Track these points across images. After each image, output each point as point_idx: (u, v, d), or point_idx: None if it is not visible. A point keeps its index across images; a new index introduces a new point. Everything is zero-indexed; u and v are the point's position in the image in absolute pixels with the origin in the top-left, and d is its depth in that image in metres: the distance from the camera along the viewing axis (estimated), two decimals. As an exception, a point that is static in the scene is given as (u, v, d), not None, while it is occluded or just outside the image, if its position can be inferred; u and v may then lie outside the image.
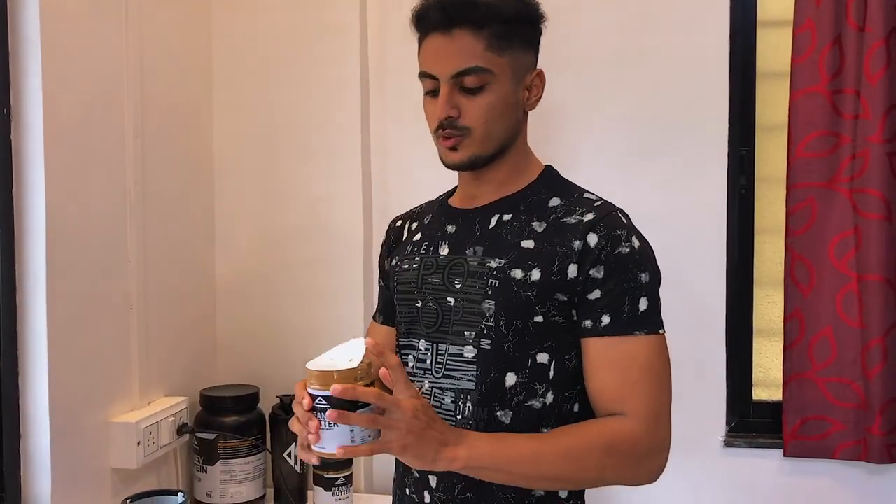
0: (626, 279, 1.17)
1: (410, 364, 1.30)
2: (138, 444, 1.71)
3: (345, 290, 2.14)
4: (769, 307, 2.17)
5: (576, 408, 1.23)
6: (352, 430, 1.00)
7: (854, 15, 1.94)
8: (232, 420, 1.94)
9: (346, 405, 0.99)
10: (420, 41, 1.26)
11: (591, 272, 1.17)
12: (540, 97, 1.28)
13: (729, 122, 2.07)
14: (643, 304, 1.18)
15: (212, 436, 1.92)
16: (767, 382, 2.17)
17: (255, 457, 1.96)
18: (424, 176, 2.16)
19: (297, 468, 2.01)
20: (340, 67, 2.12)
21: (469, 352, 1.22)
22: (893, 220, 1.96)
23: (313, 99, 2.13)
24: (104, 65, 1.71)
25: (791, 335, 2.03)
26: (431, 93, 1.24)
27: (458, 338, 1.23)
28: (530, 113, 1.30)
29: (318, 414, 1.01)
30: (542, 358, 1.20)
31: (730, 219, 2.09)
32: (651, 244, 1.24)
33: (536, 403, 1.20)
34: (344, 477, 1.95)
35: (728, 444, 2.10)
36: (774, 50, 2.10)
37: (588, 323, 1.18)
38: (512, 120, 1.25)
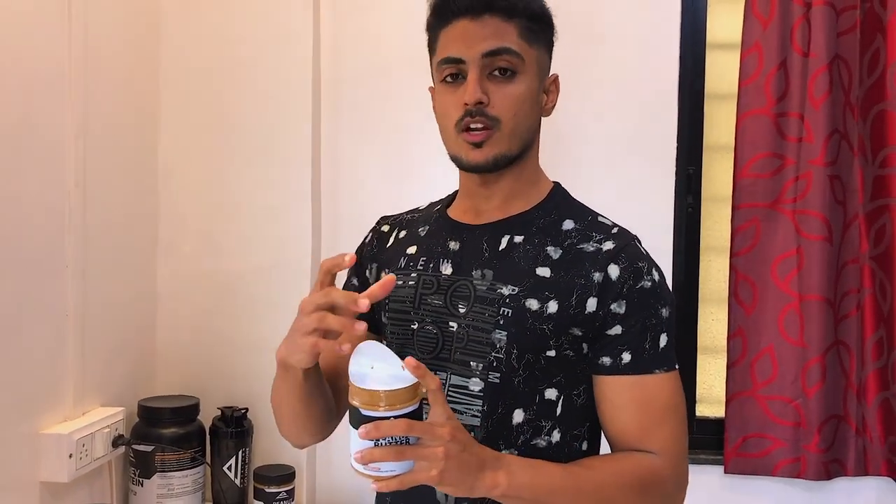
0: (647, 315, 1.11)
1: None
2: (70, 456, 1.65)
3: (290, 302, 2.03)
4: (713, 324, 2.20)
5: (584, 446, 1.16)
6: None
7: (799, 40, 1.99)
8: (170, 432, 1.89)
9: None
10: (440, 28, 1.15)
11: (612, 307, 1.10)
12: (555, 104, 1.20)
13: (677, 142, 2.10)
14: (663, 340, 1.12)
15: (149, 448, 1.86)
16: (711, 399, 2.20)
17: (193, 470, 1.91)
18: (376, 188, 2.17)
19: (238, 482, 1.96)
20: (292, 74, 2.09)
21: (475, 384, 1.12)
22: (834, 241, 2.01)
23: (263, 105, 2.09)
24: (45, 61, 1.65)
25: (734, 353, 2.06)
26: (452, 77, 1.13)
27: (463, 368, 1.13)
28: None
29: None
30: (551, 394, 1.13)
31: (676, 236, 2.12)
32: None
33: (542, 442, 1.12)
34: (286, 491, 1.91)
35: (671, 461, 2.11)
36: (723, 72, 2.15)
37: (606, 360, 1.11)
38: (535, 120, 1.17)
